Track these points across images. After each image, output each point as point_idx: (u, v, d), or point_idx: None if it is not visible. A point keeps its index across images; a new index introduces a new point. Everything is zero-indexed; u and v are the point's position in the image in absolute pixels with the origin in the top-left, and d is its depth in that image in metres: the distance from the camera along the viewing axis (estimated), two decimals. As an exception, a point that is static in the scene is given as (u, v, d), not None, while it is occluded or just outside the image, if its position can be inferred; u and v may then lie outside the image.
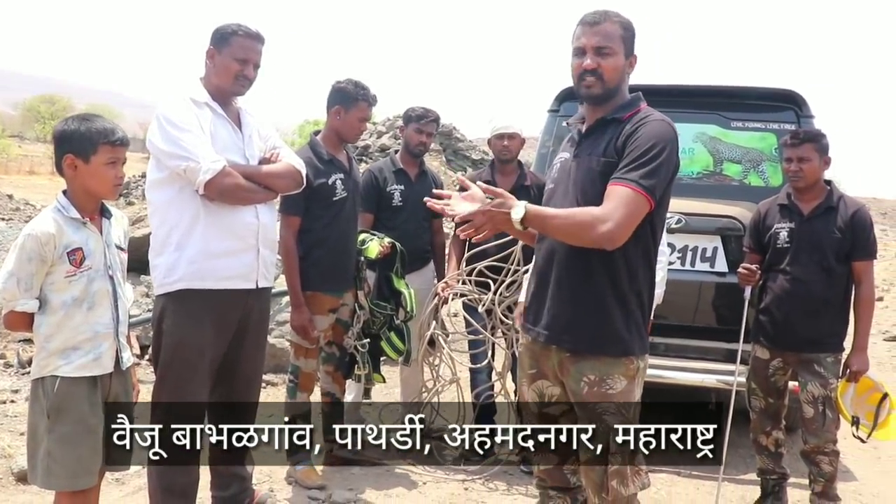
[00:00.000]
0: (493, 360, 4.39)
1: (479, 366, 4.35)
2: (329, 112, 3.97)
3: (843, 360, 3.60)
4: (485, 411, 4.47)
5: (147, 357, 5.58)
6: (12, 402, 4.94)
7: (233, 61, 3.08)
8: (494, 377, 4.40)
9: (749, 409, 3.87)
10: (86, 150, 2.53)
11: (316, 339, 3.93)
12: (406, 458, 4.32)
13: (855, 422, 3.58)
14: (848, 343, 3.63)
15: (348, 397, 4.43)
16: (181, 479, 3.09)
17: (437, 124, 4.61)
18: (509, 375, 4.32)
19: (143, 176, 17.77)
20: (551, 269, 2.44)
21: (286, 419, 3.98)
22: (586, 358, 2.40)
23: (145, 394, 3.23)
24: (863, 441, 3.63)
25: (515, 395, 4.22)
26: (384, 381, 4.51)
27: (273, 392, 5.55)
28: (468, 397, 4.53)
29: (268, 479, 3.98)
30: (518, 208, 2.26)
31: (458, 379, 4.42)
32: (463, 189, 2.40)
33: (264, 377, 4.65)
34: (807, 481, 3.72)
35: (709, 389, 4.56)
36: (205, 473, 3.27)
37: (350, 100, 3.90)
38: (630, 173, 2.28)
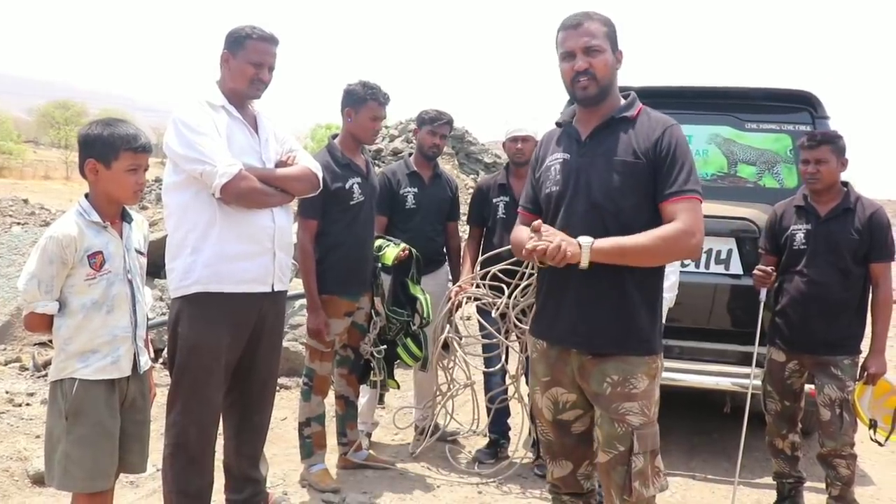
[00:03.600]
0: (507, 364, 4.39)
1: (492, 369, 4.35)
2: (342, 115, 3.98)
3: (860, 363, 3.57)
4: (499, 414, 4.48)
5: (161, 360, 5.62)
6: (27, 404, 4.96)
7: (247, 65, 3.08)
8: (508, 380, 4.40)
9: (764, 412, 3.84)
10: (107, 155, 2.54)
11: (331, 342, 3.93)
12: (420, 462, 4.34)
13: (872, 425, 3.55)
14: (865, 346, 3.60)
15: (362, 400, 4.43)
16: (196, 482, 3.10)
17: (450, 127, 4.61)
18: (523, 379, 4.32)
19: (157, 180, 17.87)
20: (569, 274, 2.42)
21: (300, 422, 4.00)
22: (610, 359, 2.41)
23: (160, 396, 3.25)
24: (880, 444, 3.60)
25: (529, 399, 4.23)
26: (398, 388, 4.52)
27: (287, 395, 5.56)
28: (482, 400, 4.54)
29: (282, 481, 3.99)
30: (585, 238, 2.29)
31: (473, 383, 4.42)
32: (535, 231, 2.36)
33: (278, 380, 4.65)
34: (823, 485, 3.69)
35: (724, 392, 4.54)
36: (219, 476, 3.28)
37: (359, 100, 3.91)
38: (689, 184, 2.37)
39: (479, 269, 4.30)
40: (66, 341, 2.54)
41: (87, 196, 2.61)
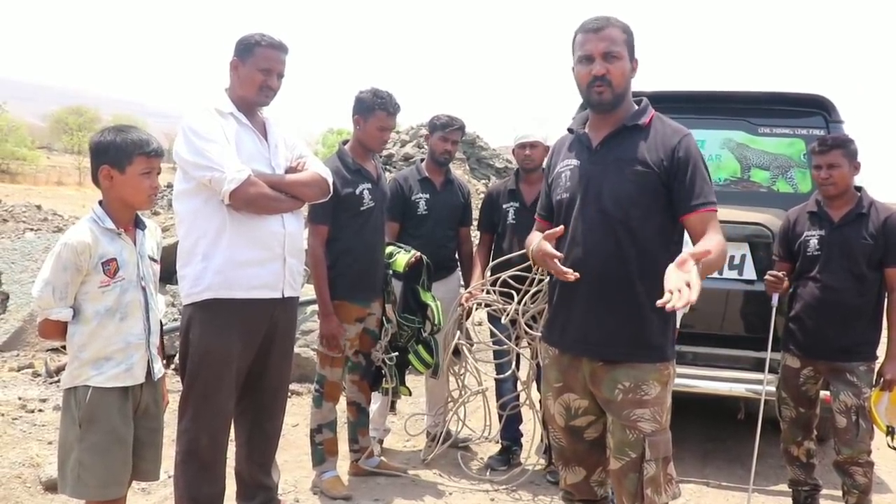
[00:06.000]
0: (518, 370, 4.36)
1: (503, 376, 4.33)
2: (353, 121, 3.98)
3: (876, 369, 3.53)
4: (510, 421, 4.46)
5: (173, 366, 5.62)
6: (40, 411, 4.98)
7: (256, 72, 3.09)
8: (519, 387, 4.38)
9: (779, 418, 3.81)
10: (121, 161, 2.56)
11: (342, 348, 3.92)
12: (432, 469, 4.32)
13: (890, 432, 3.51)
14: (881, 351, 3.56)
15: (374, 407, 4.42)
16: (207, 489, 3.10)
17: (462, 132, 4.59)
18: (534, 385, 4.30)
19: (169, 186, 17.93)
20: (580, 281, 2.41)
21: (312, 428, 3.99)
22: (621, 365, 2.40)
23: (172, 403, 3.25)
24: (898, 452, 3.56)
25: (540, 406, 4.21)
26: (410, 394, 4.51)
27: (298, 401, 5.55)
28: (494, 407, 4.52)
29: (293, 488, 3.98)
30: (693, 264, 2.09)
31: (486, 389, 4.40)
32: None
33: (290, 387, 4.66)
34: (839, 493, 3.66)
35: (738, 399, 4.50)
36: (230, 483, 3.28)
37: (368, 109, 3.90)
38: (711, 195, 2.40)
39: (489, 274, 4.29)
40: (80, 348, 2.54)
41: (100, 203, 2.62)
